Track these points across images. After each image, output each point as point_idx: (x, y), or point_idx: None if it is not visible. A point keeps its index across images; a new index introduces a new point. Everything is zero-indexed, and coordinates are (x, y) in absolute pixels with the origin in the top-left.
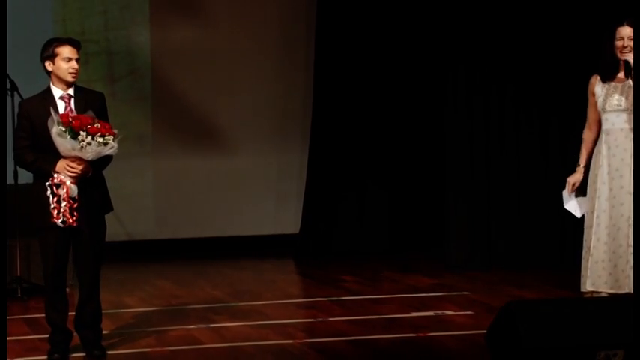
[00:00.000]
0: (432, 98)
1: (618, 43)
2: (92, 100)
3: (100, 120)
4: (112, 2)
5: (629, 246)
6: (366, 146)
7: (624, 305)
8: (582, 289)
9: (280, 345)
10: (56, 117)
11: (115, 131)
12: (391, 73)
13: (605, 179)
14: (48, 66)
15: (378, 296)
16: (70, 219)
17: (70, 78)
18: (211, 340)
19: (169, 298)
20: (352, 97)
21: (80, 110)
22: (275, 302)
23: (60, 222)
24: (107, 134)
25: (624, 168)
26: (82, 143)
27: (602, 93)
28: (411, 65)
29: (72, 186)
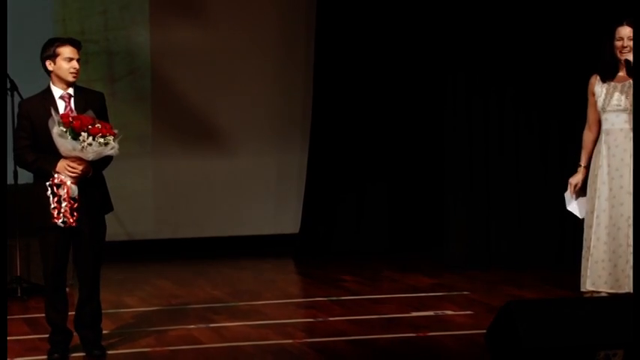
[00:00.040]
0: (432, 98)
1: (618, 43)
2: (92, 100)
3: (100, 120)
4: (112, 2)
5: (629, 246)
6: (366, 146)
7: (624, 305)
8: (582, 289)
9: (280, 345)
10: (57, 117)
11: (116, 131)
12: (391, 75)
13: (605, 179)
14: (49, 65)
15: (378, 296)
16: (71, 219)
17: (71, 78)
18: (211, 340)
19: (169, 298)
20: (352, 97)
21: (80, 110)
22: (275, 302)
23: (60, 222)
24: (108, 134)
25: (624, 168)
26: (83, 144)
27: (602, 93)
28: (411, 67)
29: (72, 186)
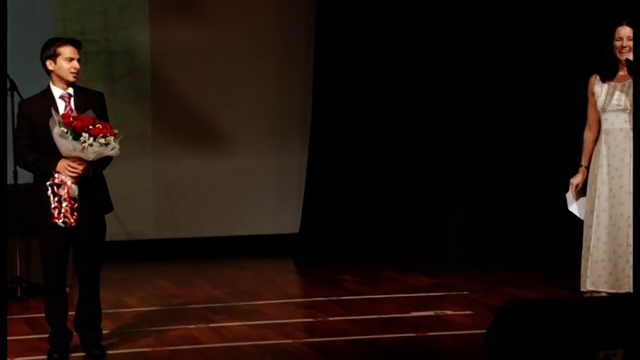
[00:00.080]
0: (432, 98)
1: (617, 43)
2: (92, 100)
3: (101, 120)
4: (112, 2)
5: (629, 245)
6: (366, 146)
7: (624, 305)
8: (582, 289)
9: (280, 345)
10: (57, 117)
11: (116, 131)
12: (391, 75)
13: (604, 179)
14: (49, 65)
15: (378, 296)
16: (71, 219)
17: (72, 78)
18: (211, 340)
19: (169, 298)
20: (351, 98)
21: (80, 110)
22: (274, 302)
23: (61, 222)
24: (108, 135)
25: (624, 168)
26: (84, 144)
27: (601, 93)
28: (411, 67)
29: (73, 186)
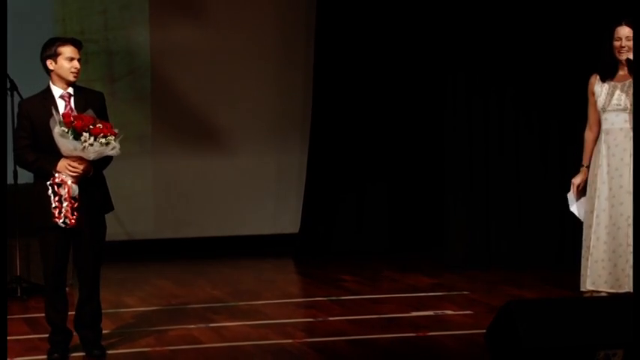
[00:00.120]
0: (432, 98)
1: (616, 43)
2: (92, 100)
3: (101, 120)
4: (112, 2)
5: (629, 245)
6: (366, 146)
7: (624, 305)
8: (582, 289)
9: (280, 345)
10: (58, 117)
11: (116, 131)
12: (391, 75)
13: (604, 178)
14: (49, 65)
15: (378, 296)
16: (72, 219)
17: (72, 78)
18: (211, 340)
19: (169, 298)
20: (351, 98)
21: (80, 109)
22: (274, 302)
23: (61, 222)
24: (109, 134)
25: (624, 167)
26: (85, 144)
27: (601, 93)
28: (411, 67)
29: (73, 185)
